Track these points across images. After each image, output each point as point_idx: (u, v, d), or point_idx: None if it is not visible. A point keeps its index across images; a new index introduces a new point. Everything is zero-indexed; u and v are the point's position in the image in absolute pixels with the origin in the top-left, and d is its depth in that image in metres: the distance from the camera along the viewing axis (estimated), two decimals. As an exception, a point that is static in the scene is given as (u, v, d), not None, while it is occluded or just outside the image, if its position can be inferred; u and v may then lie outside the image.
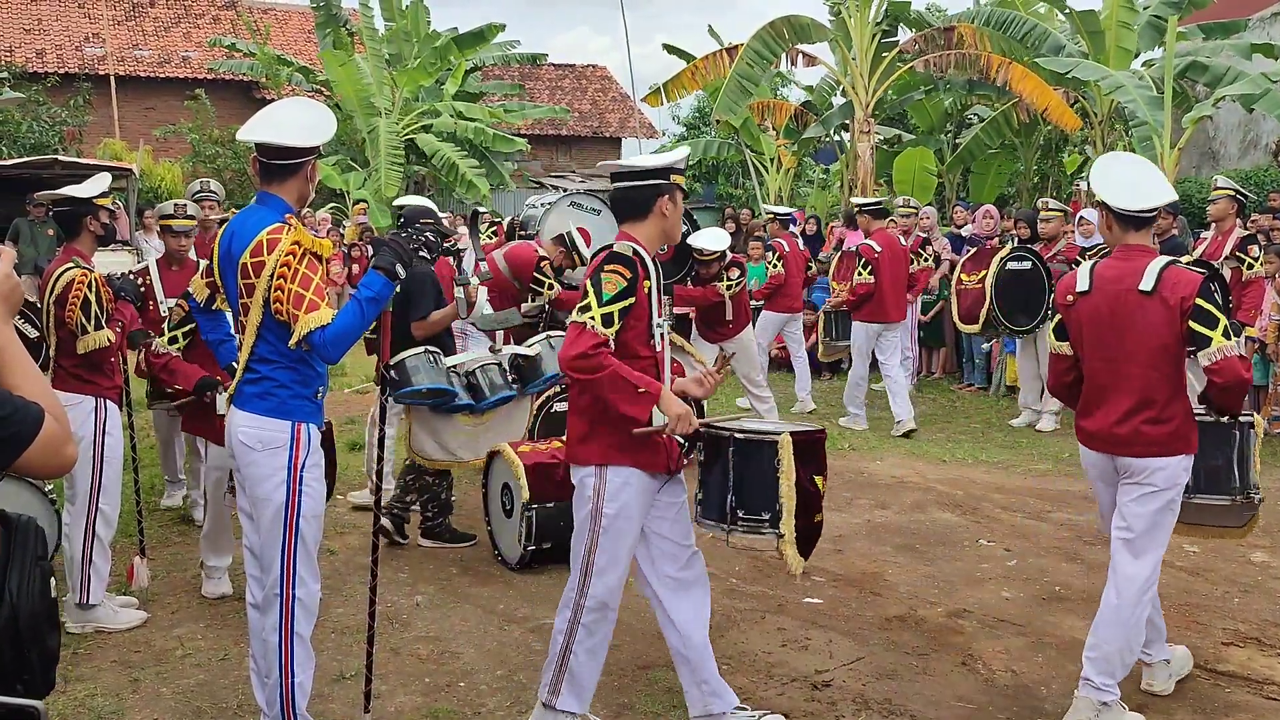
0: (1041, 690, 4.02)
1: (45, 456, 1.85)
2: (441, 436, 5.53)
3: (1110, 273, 3.70)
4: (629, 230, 3.49)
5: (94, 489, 4.52)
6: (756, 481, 3.59)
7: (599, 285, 3.30)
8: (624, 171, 3.51)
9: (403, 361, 5.19)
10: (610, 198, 3.61)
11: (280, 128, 3.34)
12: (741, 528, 3.63)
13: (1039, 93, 13.60)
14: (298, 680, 3.40)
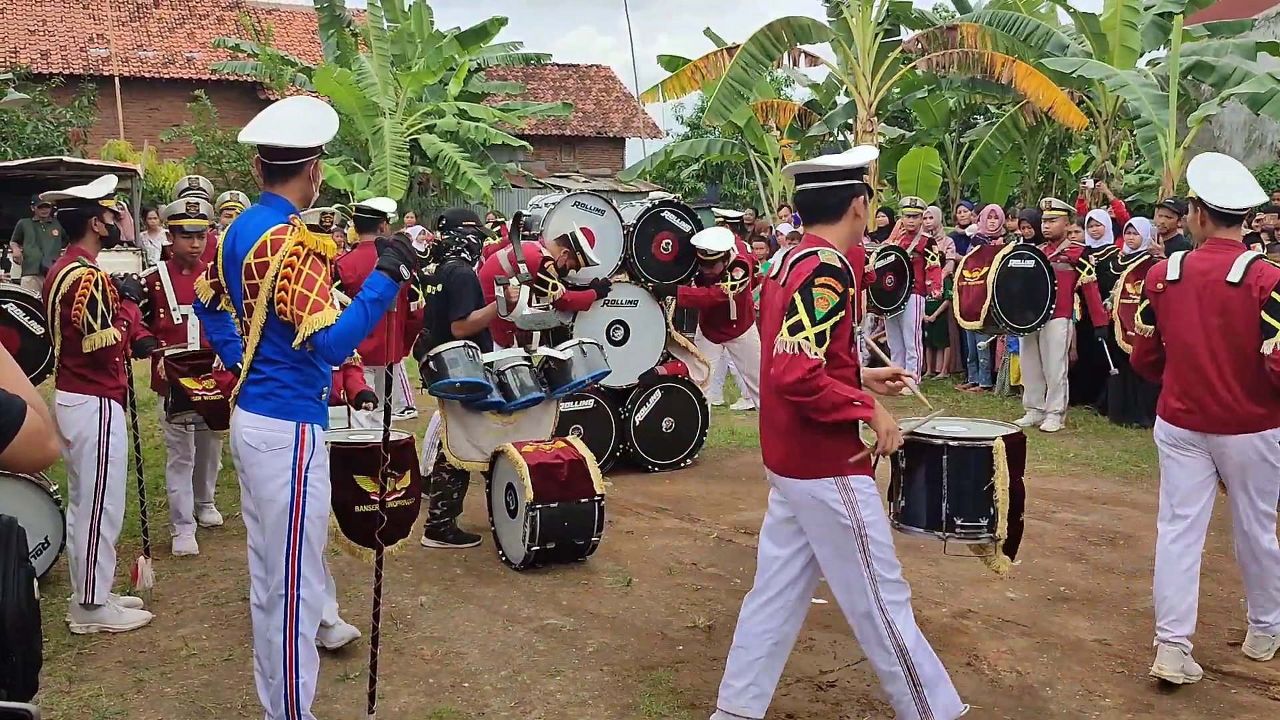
0: (1046, 691, 4.01)
1: (29, 449, 1.85)
2: (474, 434, 5.64)
3: (1201, 264, 4.00)
4: (820, 233, 3.36)
5: (99, 489, 4.52)
6: (971, 487, 3.54)
7: (811, 302, 3.14)
8: (816, 173, 3.38)
9: (441, 354, 5.35)
10: (798, 200, 3.46)
11: (281, 128, 3.34)
12: (959, 534, 3.56)
13: (1044, 91, 13.57)
14: (302, 680, 3.40)
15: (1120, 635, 4.53)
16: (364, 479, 4.12)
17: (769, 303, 3.45)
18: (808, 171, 3.40)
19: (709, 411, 7.70)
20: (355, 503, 4.11)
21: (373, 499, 4.04)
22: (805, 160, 3.51)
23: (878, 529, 3.28)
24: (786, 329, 3.17)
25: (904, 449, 3.55)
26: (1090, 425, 8.82)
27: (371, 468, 4.07)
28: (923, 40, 15.07)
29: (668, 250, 7.44)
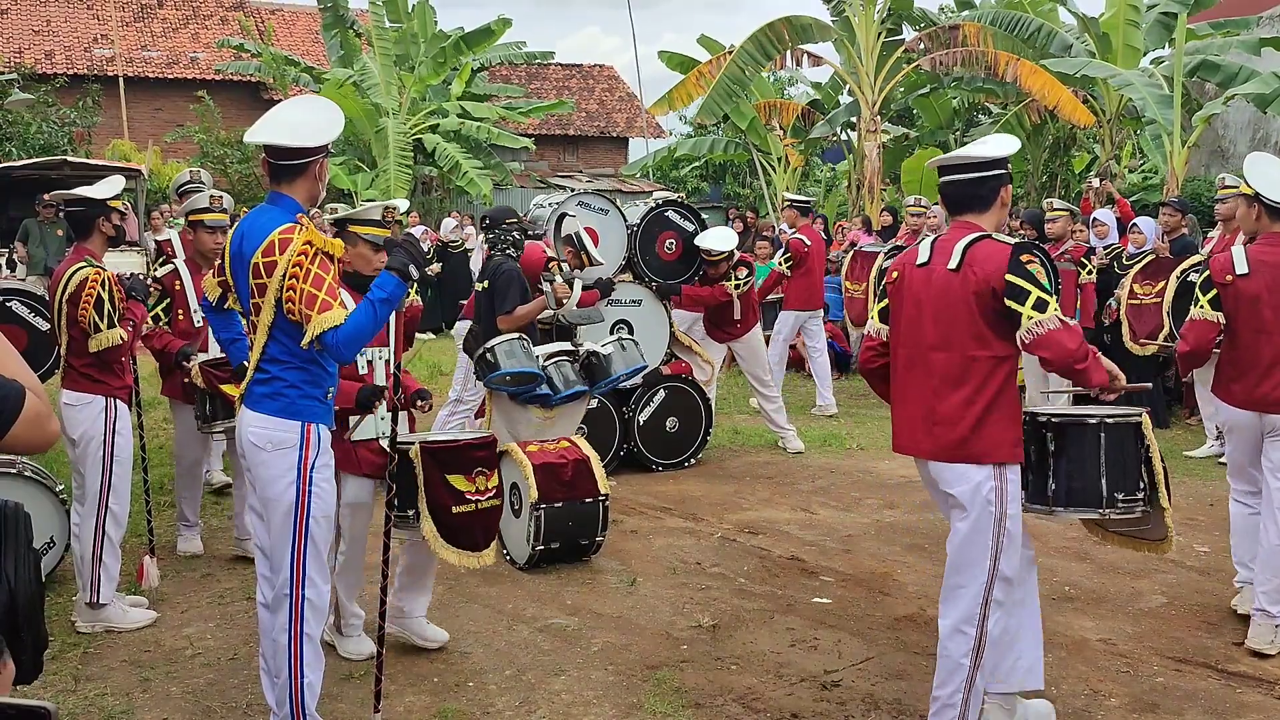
0: (1051, 690, 4.00)
1: (30, 432, 1.89)
2: (516, 427, 5.70)
3: (1268, 256, 4.33)
4: (973, 221, 3.42)
5: (104, 488, 4.53)
6: (1127, 461, 3.60)
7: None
8: (967, 164, 3.43)
9: (495, 347, 5.47)
10: (947, 192, 3.52)
11: (286, 128, 3.35)
12: (1120, 509, 3.59)
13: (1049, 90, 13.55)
14: (307, 680, 3.40)
15: (1125, 635, 4.53)
16: (457, 478, 4.01)
17: (917, 291, 3.44)
18: (958, 163, 3.45)
19: (713, 411, 7.70)
20: (451, 504, 3.98)
21: (469, 498, 3.99)
22: (950, 153, 3.57)
23: (1015, 523, 3.36)
24: (1032, 307, 3.21)
25: (1052, 430, 3.58)
26: (1094, 425, 8.79)
27: (465, 466, 4.02)
28: (925, 40, 15.05)
29: (671, 250, 7.44)
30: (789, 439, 7.96)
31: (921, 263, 3.45)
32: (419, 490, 3.94)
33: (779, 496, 6.76)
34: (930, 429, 3.39)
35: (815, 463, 7.62)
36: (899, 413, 3.54)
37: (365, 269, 4.15)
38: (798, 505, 6.52)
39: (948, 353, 3.36)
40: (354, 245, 4.14)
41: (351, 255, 4.07)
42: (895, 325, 3.55)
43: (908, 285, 3.49)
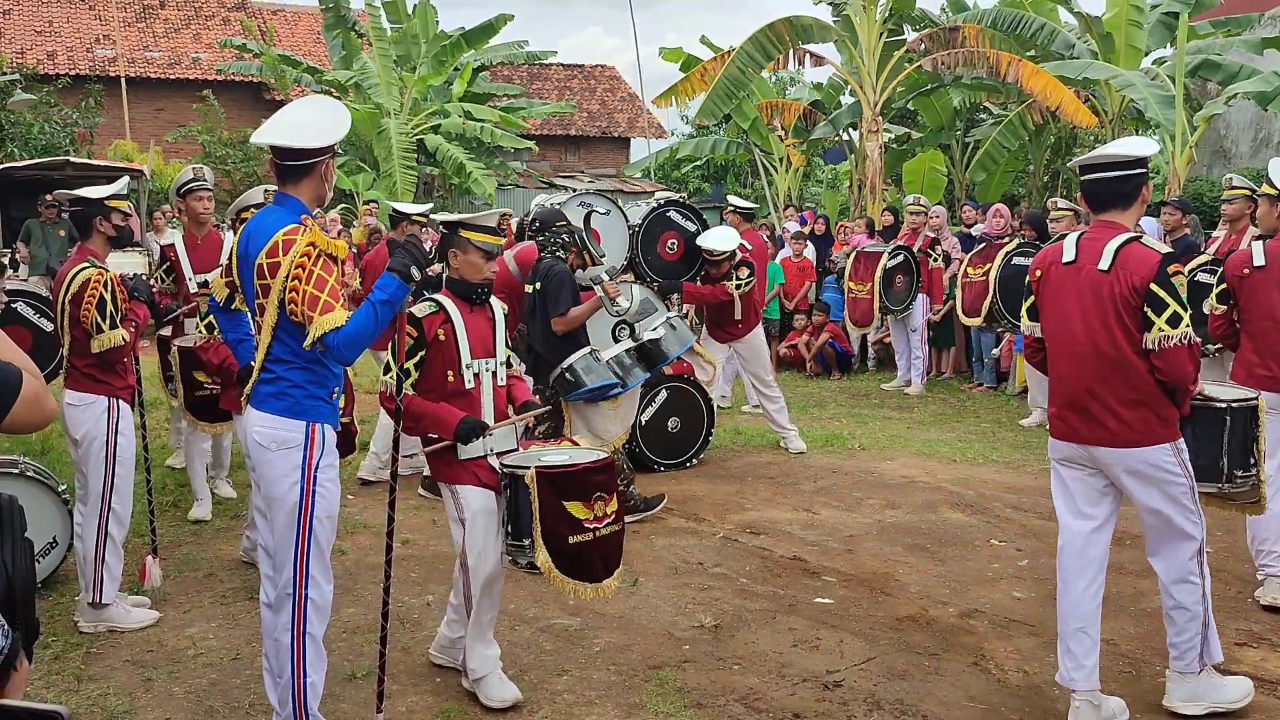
0: (1054, 691, 4.00)
1: (29, 411, 1.97)
2: (594, 424, 5.95)
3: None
4: (1115, 219, 3.64)
5: (106, 489, 4.53)
6: (1245, 441, 3.98)
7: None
8: (1113, 162, 3.61)
9: (574, 366, 5.69)
10: (1091, 189, 3.70)
11: (291, 129, 3.35)
12: (1236, 484, 3.98)
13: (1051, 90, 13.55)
14: (310, 680, 3.41)
15: (1127, 635, 4.53)
16: (575, 505, 3.66)
17: (1064, 287, 3.67)
18: (1103, 162, 3.64)
19: (715, 411, 7.70)
20: (569, 533, 3.63)
21: (587, 527, 3.67)
22: (1093, 152, 3.77)
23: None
24: (1165, 321, 3.44)
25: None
26: (1096, 425, 8.79)
27: (584, 492, 3.68)
28: (926, 40, 15.05)
29: (673, 250, 7.44)
30: (791, 439, 7.96)
31: (1068, 261, 3.67)
32: (534, 518, 3.64)
33: (781, 497, 6.76)
34: (1094, 418, 3.63)
35: (817, 463, 7.62)
36: (1058, 403, 3.76)
37: (474, 277, 3.87)
38: (800, 505, 6.52)
39: (1098, 346, 3.59)
40: (464, 251, 3.85)
41: (460, 262, 3.85)
42: (1044, 320, 3.81)
43: (1053, 282, 3.73)
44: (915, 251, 10.07)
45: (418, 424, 3.81)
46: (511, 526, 3.74)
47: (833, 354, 11.48)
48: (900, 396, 10.22)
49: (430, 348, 3.78)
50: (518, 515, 3.71)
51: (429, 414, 3.78)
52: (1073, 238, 3.74)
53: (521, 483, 3.67)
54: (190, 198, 5.99)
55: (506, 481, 3.74)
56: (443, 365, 3.80)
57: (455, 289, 3.88)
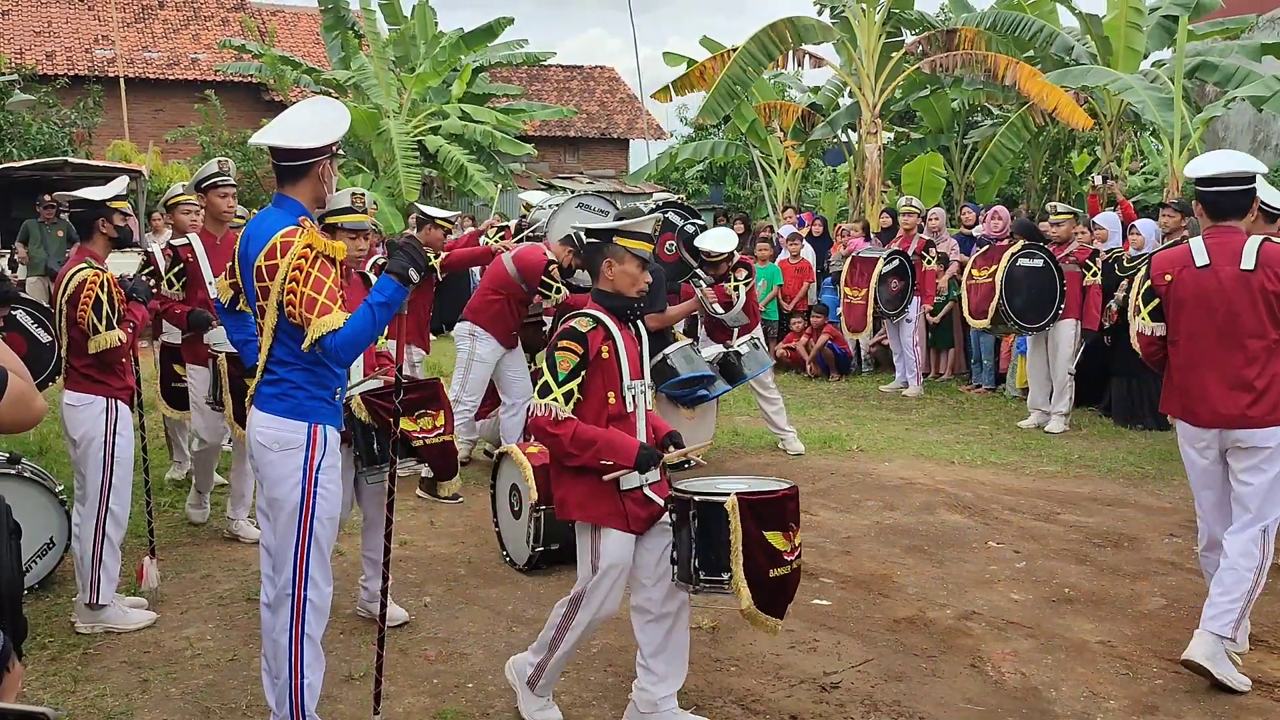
0: (1051, 693, 4.01)
1: (16, 411, 1.96)
2: None
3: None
4: (1234, 225, 4.09)
5: (104, 489, 4.53)
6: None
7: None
8: (1232, 177, 4.06)
9: (672, 354, 5.67)
10: (1212, 200, 4.12)
11: (287, 130, 3.36)
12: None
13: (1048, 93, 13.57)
14: (307, 681, 3.41)
15: (1125, 637, 4.53)
16: (775, 535, 3.36)
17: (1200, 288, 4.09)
18: (1228, 177, 4.08)
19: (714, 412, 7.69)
20: (769, 566, 3.36)
21: (785, 559, 3.39)
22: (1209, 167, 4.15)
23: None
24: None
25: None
26: (1095, 427, 8.81)
27: (783, 521, 3.40)
28: (924, 43, 15.07)
29: (671, 251, 7.44)
30: (789, 441, 7.96)
31: (1202, 265, 4.12)
32: (733, 550, 3.33)
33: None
34: (1229, 403, 4.05)
35: (815, 464, 7.62)
36: (1191, 393, 4.17)
37: (630, 290, 3.57)
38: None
39: (1237, 339, 4.03)
40: (620, 261, 3.55)
41: (616, 273, 3.55)
42: (1176, 320, 4.20)
43: (1188, 284, 4.15)
44: (910, 255, 10.07)
45: (585, 451, 3.43)
46: (701, 560, 3.38)
47: (831, 355, 11.49)
48: (898, 398, 10.22)
49: (591, 366, 3.47)
50: (713, 548, 3.35)
51: (601, 440, 3.43)
52: (1198, 244, 4.17)
53: (717, 511, 3.33)
54: (213, 193, 5.53)
55: (693, 511, 3.38)
56: (604, 386, 3.49)
57: (609, 304, 3.55)
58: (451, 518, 6.28)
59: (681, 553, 3.45)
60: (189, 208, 5.84)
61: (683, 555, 3.44)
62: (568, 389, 3.43)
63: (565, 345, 3.46)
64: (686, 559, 3.42)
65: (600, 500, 3.49)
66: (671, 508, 3.50)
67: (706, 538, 3.37)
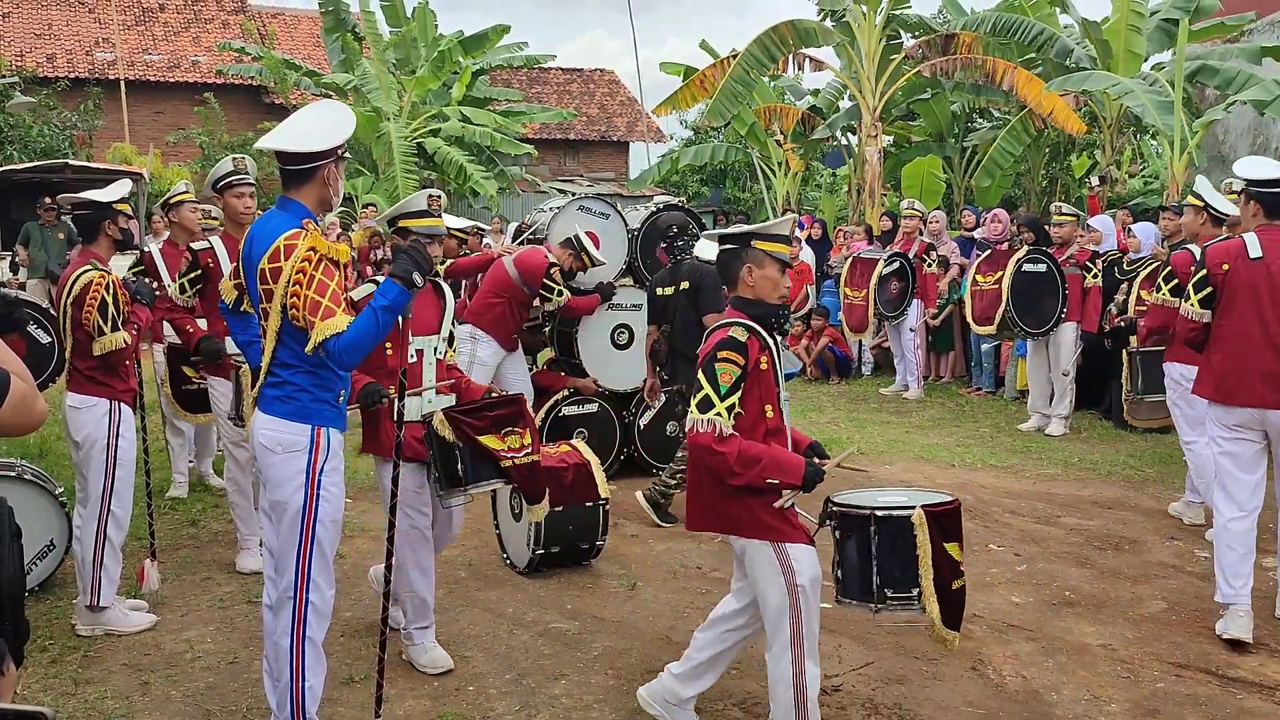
0: (1052, 696, 4.01)
1: (18, 414, 1.96)
2: None
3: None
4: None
5: (106, 491, 4.53)
6: None
7: None
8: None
9: None
10: (1270, 200, 4.50)
11: (293, 134, 3.36)
12: None
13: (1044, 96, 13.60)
14: (308, 684, 3.40)
15: (1125, 640, 4.53)
16: (953, 546, 3.25)
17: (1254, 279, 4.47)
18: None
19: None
20: (951, 578, 3.26)
21: (961, 570, 3.30)
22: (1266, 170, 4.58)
23: None
24: None
25: None
26: (1095, 430, 8.81)
27: (957, 531, 3.30)
28: (923, 46, 15.10)
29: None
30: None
31: (1255, 257, 4.47)
32: (921, 565, 3.21)
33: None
34: (1270, 387, 4.40)
35: (816, 467, 7.61)
36: (1237, 377, 4.50)
37: (772, 295, 3.39)
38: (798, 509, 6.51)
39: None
40: (761, 266, 3.37)
41: (757, 279, 3.37)
42: (1229, 307, 4.54)
43: (1242, 275, 4.50)
44: (911, 258, 10.08)
45: (749, 470, 3.20)
46: (885, 577, 3.26)
47: (832, 358, 11.49)
48: (899, 401, 10.22)
49: (750, 377, 3.25)
50: (898, 564, 3.24)
51: (766, 457, 3.21)
52: (1253, 238, 4.53)
53: (902, 525, 3.22)
54: (229, 193, 5.17)
55: (874, 527, 3.26)
56: (760, 399, 3.29)
57: (752, 311, 3.35)
58: (452, 520, 6.28)
59: (853, 570, 3.32)
60: (244, 188, 5.29)
61: (855, 572, 3.31)
62: (730, 403, 3.20)
63: (726, 356, 3.23)
64: (865, 576, 3.28)
65: (782, 517, 3.32)
66: (834, 523, 3.35)
67: (891, 554, 3.24)
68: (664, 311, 6.33)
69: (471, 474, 3.97)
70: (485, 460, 3.92)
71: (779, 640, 3.36)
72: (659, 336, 6.37)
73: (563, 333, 7.31)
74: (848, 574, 3.35)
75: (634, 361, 7.26)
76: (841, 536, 3.34)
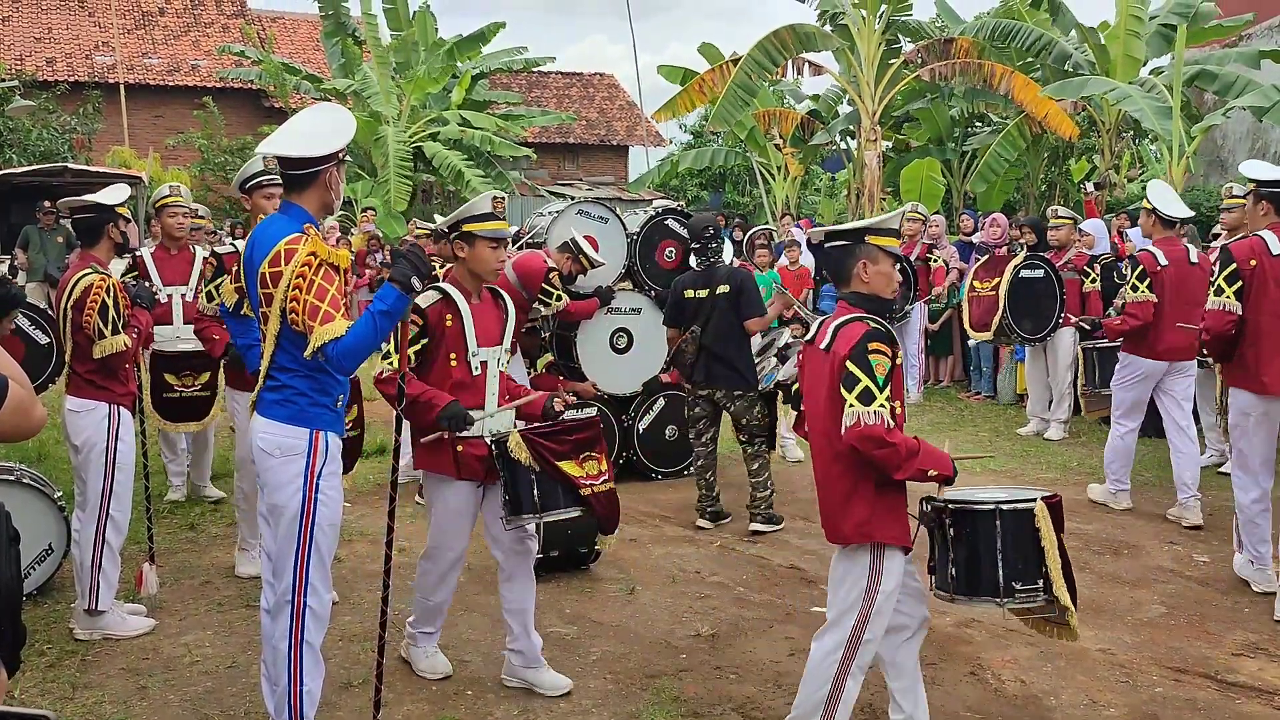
0: (1050, 700, 4.00)
1: (16, 419, 1.95)
2: None
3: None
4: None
5: (105, 495, 4.53)
6: None
7: None
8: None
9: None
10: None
11: (293, 138, 3.36)
12: None
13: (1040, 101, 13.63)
14: (307, 688, 3.40)
15: (1124, 645, 4.53)
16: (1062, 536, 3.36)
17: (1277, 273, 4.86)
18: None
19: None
20: (1068, 568, 3.34)
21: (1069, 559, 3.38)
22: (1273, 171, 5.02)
23: None
24: None
25: None
26: (1094, 435, 8.80)
27: (1062, 523, 3.37)
28: (923, 51, 15.13)
29: (671, 258, 7.45)
30: (789, 447, 7.96)
31: (1277, 253, 4.89)
32: (1048, 557, 3.26)
33: (778, 504, 6.74)
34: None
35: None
36: (1261, 365, 4.92)
37: (886, 290, 3.34)
38: (797, 513, 6.51)
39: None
40: (876, 262, 3.32)
41: (872, 274, 3.31)
42: (1258, 300, 4.90)
43: (1267, 270, 4.88)
44: (913, 260, 10.08)
45: (911, 462, 3.15)
46: (1010, 571, 3.24)
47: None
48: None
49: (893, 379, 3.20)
50: (1023, 558, 3.25)
51: (921, 448, 3.20)
52: (1272, 235, 4.91)
53: (1027, 519, 3.26)
54: (258, 193, 4.90)
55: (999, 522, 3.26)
56: (894, 394, 3.22)
57: (868, 307, 3.30)
58: (451, 524, 6.27)
59: (969, 566, 3.29)
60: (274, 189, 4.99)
61: (973, 569, 3.29)
62: (887, 394, 3.13)
63: (878, 349, 3.16)
64: (987, 572, 3.26)
65: (894, 520, 3.26)
66: (949, 520, 3.31)
67: (1015, 547, 3.25)
68: (694, 314, 6.25)
69: (548, 500, 3.78)
70: (563, 487, 3.74)
71: (834, 636, 3.31)
72: (687, 338, 6.28)
73: (561, 337, 7.31)
74: (963, 571, 3.30)
75: (633, 365, 7.27)
76: (955, 534, 3.30)
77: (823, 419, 3.27)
